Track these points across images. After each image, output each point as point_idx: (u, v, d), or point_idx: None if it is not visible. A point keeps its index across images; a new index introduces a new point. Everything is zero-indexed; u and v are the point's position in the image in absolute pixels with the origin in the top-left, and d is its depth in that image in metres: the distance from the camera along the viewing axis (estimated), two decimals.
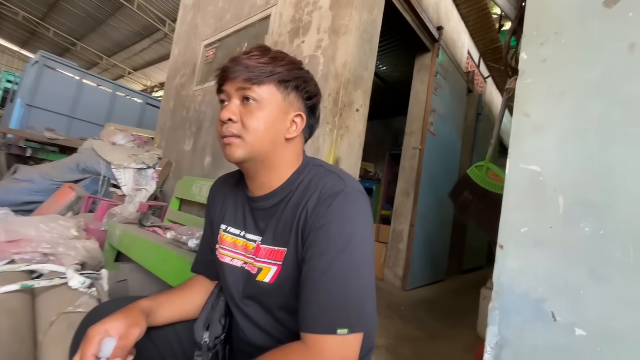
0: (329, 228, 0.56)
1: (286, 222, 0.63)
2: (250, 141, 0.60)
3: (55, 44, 12.26)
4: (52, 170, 2.75)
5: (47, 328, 1.13)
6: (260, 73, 0.60)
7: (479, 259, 4.67)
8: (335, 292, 0.53)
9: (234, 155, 0.61)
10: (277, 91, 0.62)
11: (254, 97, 0.60)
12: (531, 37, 0.79)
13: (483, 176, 1.82)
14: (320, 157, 1.71)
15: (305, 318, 0.54)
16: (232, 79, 0.61)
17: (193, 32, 3.24)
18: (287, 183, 0.66)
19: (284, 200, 0.65)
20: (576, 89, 0.72)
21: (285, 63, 0.63)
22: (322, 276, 0.54)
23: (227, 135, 0.61)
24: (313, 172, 0.66)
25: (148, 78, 14.27)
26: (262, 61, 0.61)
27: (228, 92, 0.62)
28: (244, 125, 0.60)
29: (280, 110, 0.63)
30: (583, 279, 0.66)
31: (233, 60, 0.62)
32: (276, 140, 0.63)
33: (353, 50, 1.77)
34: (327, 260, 0.54)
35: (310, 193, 0.61)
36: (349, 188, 0.60)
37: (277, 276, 0.61)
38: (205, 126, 2.67)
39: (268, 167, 0.65)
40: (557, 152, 0.73)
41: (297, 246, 0.60)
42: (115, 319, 0.56)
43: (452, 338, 1.79)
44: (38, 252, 1.69)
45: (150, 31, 10.05)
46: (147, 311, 0.64)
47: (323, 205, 0.58)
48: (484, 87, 4.29)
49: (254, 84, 0.60)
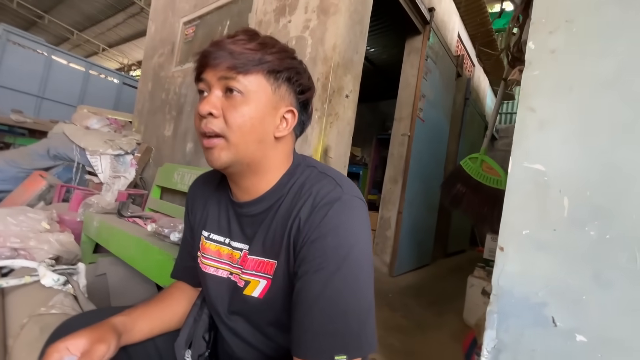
0: (325, 241, 0.50)
1: (276, 232, 0.56)
2: (234, 142, 0.52)
3: (20, 17, 11.33)
4: (19, 157, 2.56)
5: (18, 332, 1.06)
6: (247, 61, 0.51)
7: (463, 242, 4.78)
8: (333, 316, 0.48)
9: (219, 161, 0.53)
10: (266, 83, 0.54)
11: (239, 88, 0.52)
12: (540, 24, 0.73)
13: (477, 169, 1.80)
14: (308, 146, 1.64)
15: (299, 343, 0.49)
16: (213, 66, 0.52)
17: (170, 8, 3.02)
18: (276, 187, 0.59)
19: (273, 206, 0.58)
20: (587, 83, 0.68)
21: (276, 51, 0.54)
22: (318, 297, 0.48)
23: (207, 132, 0.52)
24: (306, 174, 0.59)
25: (124, 55, 13.50)
26: (249, 47, 0.52)
27: (208, 82, 0.53)
28: (226, 121, 0.52)
29: (269, 105, 0.54)
30: (586, 284, 0.64)
31: (215, 44, 0.53)
32: (264, 140, 0.55)
33: (343, 31, 1.67)
34: (323, 278, 0.49)
35: (303, 200, 0.54)
36: (346, 195, 0.53)
37: (267, 291, 0.56)
38: (186, 110, 2.52)
39: (255, 170, 0.57)
40: (563, 151, 0.69)
41: (288, 259, 0.54)
42: (78, 336, 0.50)
43: (439, 326, 1.82)
44: (6, 247, 1.58)
45: (125, 4, 9.41)
46: (121, 328, 0.57)
47: (318, 215, 0.52)
48: (473, 72, 4.25)
49: (240, 73, 0.51)
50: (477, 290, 1.78)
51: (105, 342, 0.51)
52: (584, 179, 0.66)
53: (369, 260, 0.53)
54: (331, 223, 0.51)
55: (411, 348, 1.49)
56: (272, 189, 0.59)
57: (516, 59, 1.41)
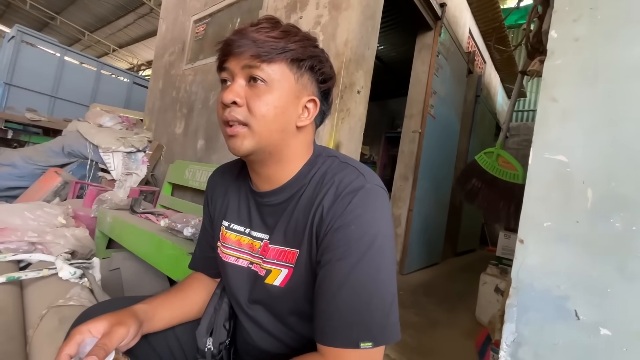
0: (349, 229, 0.50)
1: (298, 221, 0.56)
2: (258, 130, 0.52)
3: (33, 18, 11.57)
4: (35, 154, 2.62)
5: (37, 322, 1.08)
6: (270, 49, 0.51)
7: (473, 241, 4.73)
8: (358, 303, 0.48)
9: (241, 149, 0.53)
10: (289, 71, 0.53)
11: (262, 77, 0.51)
12: (563, 12, 0.71)
13: (493, 163, 1.77)
14: (319, 142, 1.63)
15: (323, 330, 0.49)
16: (237, 54, 0.52)
17: (181, 6, 3.04)
18: (297, 176, 0.58)
19: (295, 195, 0.58)
20: (612, 71, 0.66)
21: (299, 39, 0.53)
22: (343, 285, 0.48)
23: (231, 120, 0.52)
24: (327, 164, 0.59)
25: (134, 56, 13.68)
26: (272, 35, 0.51)
27: (232, 71, 0.53)
28: (250, 110, 0.52)
29: (292, 94, 0.54)
30: (611, 277, 0.62)
31: (238, 32, 0.52)
32: (287, 129, 0.55)
33: (355, 27, 1.66)
34: (347, 266, 0.49)
35: (326, 189, 0.54)
36: (369, 184, 0.53)
37: (288, 280, 0.56)
38: (197, 108, 2.54)
39: (277, 159, 0.57)
40: (587, 141, 0.67)
41: (311, 248, 0.54)
42: (99, 319, 0.51)
43: (451, 323, 1.80)
44: (25, 241, 1.62)
45: (135, 5, 9.53)
46: (142, 316, 0.58)
47: (341, 203, 0.51)
48: (484, 68, 4.19)
49: (264, 61, 0.51)
50: (489, 288, 1.76)
51: (125, 325, 0.51)
52: (609, 169, 0.64)
53: (391, 249, 0.52)
54: (355, 211, 0.50)
55: (424, 344, 1.48)
56: (293, 178, 0.58)
57: (536, 50, 1.38)
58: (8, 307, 1.14)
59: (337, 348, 0.47)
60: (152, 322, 0.60)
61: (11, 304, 1.18)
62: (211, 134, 2.35)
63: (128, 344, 0.53)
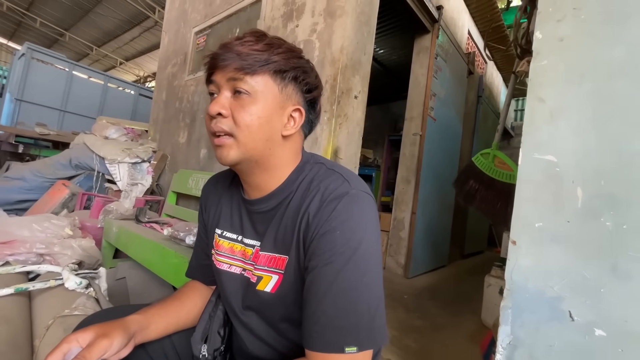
0: (334, 235, 0.51)
1: (287, 228, 0.57)
2: (243, 140, 0.54)
3: (43, 35, 11.93)
4: (44, 167, 2.68)
5: (43, 332, 1.10)
6: (254, 62, 0.53)
7: (480, 243, 4.67)
8: (343, 307, 0.48)
9: (227, 158, 0.55)
10: (272, 83, 0.55)
11: (246, 89, 0.53)
12: (547, 13, 0.72)
13: (489, 164, 1.76)
14: (318, 148, 1.65)
15: (310, 335, 0.49)
16: (222, 67, 0.54)
17: (183, 19, 3.11)
18: (285, 184, 0.60)
19: (283, 202, 0.60)
20: (597, 70, 0.66)
21: (282, 51, 0.55)
22: (328, 290, 0.49)
23: (217, 131, 0.54)
24: (314, 171, 0.60)
25: (140, 68, 13.97)
26: (256, 48, 0.53)
27: (218, 83, 0.55)
28: (235, 121, 0.54)
29: (276, 105, 0.56)
30: (604, 277, 0.62)
31: (224, 46, 0.55)
32: (272, 138, 0.56)
33: (350, 33, 1.68)
34: (333, 271, 0.50)
35: (312, 195, 0.55)
36: (354, 190, 0.54)
37: (278, 286, 0.57)
38: (199, 117, 2.59)
39: (264, 167, 0.59)
40: (575, 141, 0.67)
41: (299, 254, 0.55)
42: (88, 329, 0.52)
43: (456, 327, 1.78)
44: (33, 253, 1.65)
45: (140, 19, 9.77)
46: (135, 327, 0.58)
47: (326, 209, 0.52)
48: (485, 69, 4.18)
49: (247, 74, 0.53)
50: (494, 290, 1.73)
51: (109, 337, 0.51)
52: (598, 168, 0.64)
53: (377, 254, 0.53)
54: (340, 217, 0.52)
55: (428, 349, 1.47)
56: (281, 185, 0.60)
57: (525, 50, 1.38)
58: (15, 317, 1.17)
59: (322, 353, 0.48)
60: (147, 332, 0.61)
61: (18, 314, 1.20)
62: None
63: (118, 355, 0.53)
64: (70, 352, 0.48)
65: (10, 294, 1.24)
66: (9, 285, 1.27)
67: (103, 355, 0.50)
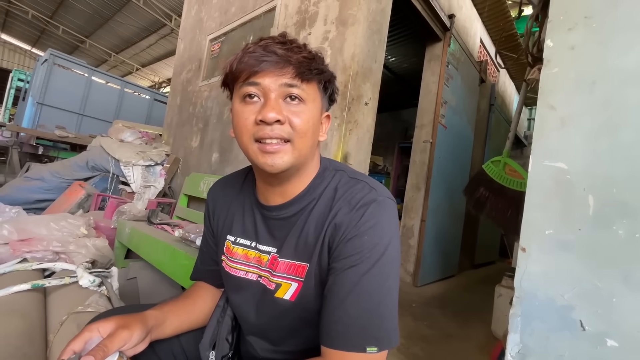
0: (362, 239, 0.52)
1: (309, 235, 0.57)
2: (299, 146, 0.54)
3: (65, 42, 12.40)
4: (62, 169, 2.77)
5: (57, 328, 1.13)
6: (307, 70, 0.53)
7: (492, 253, 4.58)
8: (367, 308, 0.49)
9: (282, 165, 0.53)
10: (317, 90, 0.57)
11: (302, 96, 0.53)
12: (558, 22, 0.72)
13: (500, 172, 1.74)
14: (328, 153, 1.66)
15: (329, 332, 0.50)
16: (275, 72, 0.52)
17: (198, 27, 3.20)
18: (307, 190, 0.60)
19: (305, 209, 0.59)
20: (609, 77, 0.66)
21: (322, 60, 0.57)
22: (352, 291, 0.50)
23: (274, 137, 0.52)
24: (336, 178, 0.61)
25: (156, 74, 14.35)
26: (305, 55, 0.53)
27: (266, 87, 0.52)
28: (293, 127, 0.53)
29: (319, 111, 0.58)
30: (616, 286, 0.61)
31: (266, 49, 0.52)
32: (314, 144, 0.58)
33: (361, 41, 1.70)
34: (358, 273, 0.51)
35: (340, 204, 0.56)
36: (381, 197, 0.56)
37: (298, 293, 0.57)
38: (212, 122, 2.64)
39: (300, 173, 0.59)
40: (586, 148, 0.67)
41: (321, 261, 0.56)
42: (110, 320, 0.53)
43: (465, 337, 1.75)
44: (49, 251, 1.70)
45: (157, 27, 10.08)
46: (152, 322, 0.59)
47: (355, 215, 0.54)
48: (497, 77, 4.15)
49: (303, 81, 0.53)
50: (505, 300, 1.70)
51: (129, 329, 0.52)
52: (609, 176, 0.63)
53: (398, 259, 0.55)
54: (368, 223, 0.53)
55: (435, 358, 1.45)
56: (303, 191, 0.60)
57: (537, 58, 1.37)
58: (31, 312, 1.20)
59: (342, 351, 0.48)
60: (162, 328, 0.61)
61: (34, 309, 1.24)
62: (225, 147, 2.42)
63: (135, 349, 0.54)
64: (92, 340, 0.50)
65: (27, 290, 1.28)
66: (26, 281, 1.31)
67: (123, 346, 0.51)
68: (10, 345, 0.95)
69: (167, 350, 0.65)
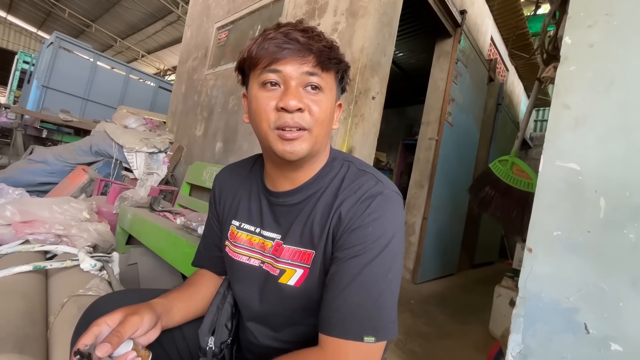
0: (367, 230, 0.52)
1: (315, 223, 0.57)
2: (316, 134, 0.54)
3: (71, 26, 12.33)
4: (65, 152, 2.77)
5: (58, 310, 1.14)
6: (327, 59, 0.53)
7: (491, 254, 4.58)
8: (367, 298, 0.49)
9: (301, 152, 0.53)
10: (334, 80, 0.57)
11: (321, 85, 0.54)
12: (577, 18, 0.70)
13: (507, 171, 1.73)
14: (333, 146, 1.65)
15: (329, 320, 0.50)
16: (297, 60, 0.52)
17: (205, 14, 3.17)
18: (315, 178, 0.60)
19: (312, 197, 0.60)
20: (627, 78, 0.64)
21: (338, 49, 0.57)
22: (353, 280, 0.50)
23: (294, 126, 0.52)
24: (344, 169, 0.61)
25: (161, 61, 14.28)
26: (325, 45, 0.54)
27: (287, 74, 0.52)
28: (312, 115, 0.53)
29: (334, 100, 0.58)
30: (624, 290, 0.60)
31: (290, 36, 0.52)
32: (329, 132, 0.59)
33: (371, 34, 1.68)
34: (360, 263, 0.51)
35: (345, 193, 0.56)
36: (387, 190, 0.56)
37: (304, 280, 0.57)
38: (216, 111, 2.63)
39: (313, 161, 0.59)
40: (600, 149, 0.65)
41: (326, 249, 0.56)
42: (116, 312, 0.52)
43: (463, 335, 1.75)
44: (52, 234, 1.71)
45: (164, 13, 10.00)
46: (160, 309, 0.58)
47: (361, 206, 0.54)
48: (506, 76, 4.10)
49: (323, 70, 0.54)
50: (504, 301, 1.70)
51: (139, 314, 0.52)
52: (623, 178, 0.62)
53: (402, 253, 0.55)
54: (373, 214, 0.53)
55: (432, 355, 1.45)
56: (311, 179, 0.60)
57: (552, 57, 1.35)
58: (33, 293, 1.21)
59: (339, 339, 0.48)
60: (170, 315, 0.61)
61: (36, 291, 1.25)
62: (229, 136, 2.41)
63: (148, 336, 0.54)
64: (102, 334, 0.49)
65: (29, 271, 1.29)
66: (28, 262, 1.31)
67: (136, 331, 0.51)
68: (11, 325, 0.96)
69: (169, 340, 0.65)
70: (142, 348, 0.51)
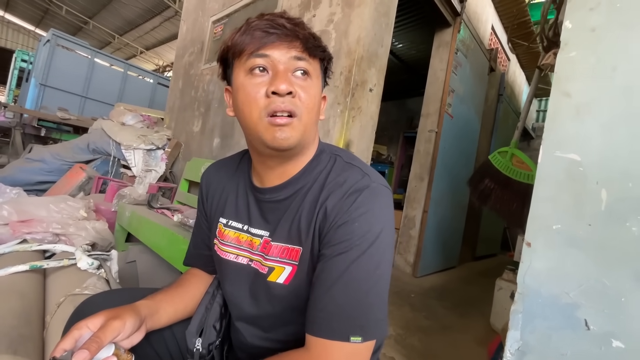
0: (353, 226, 0.50)
1: (302, 218, 0.56)
2: (305, 121, 0.52)
3: (68, 23, 12.25)
4: (63, 151, 2.76)
5: (54, 309, 1.13)
6: (314, 46, 0.53)
7: (493, 246, 4.56)
8: (354, 297, 0.48)
9: (291, 139, 0.51)
10: (319, 68, 0.57)
11: (310, 70, 0.53)
12: (579, 1, 0.67)
13: (507, 163, 1.69)
14: (330, 141, 1.62)
15: (315, 320, 0.48)
16: (285, 44, 0.51)
17: (201, 8, 3.12)
18: (302, 172, 0.58)
19: (299, 192, 0.58)
20: (631, 63, 0.61)
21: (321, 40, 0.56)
22: (340, 278, 0.48)
23: (285, 111, 0.50)
24: (331, 163, 0.59)
25: (160, 57, 14.20)
26: (310, 33, 0.53)
27: (275, 59, 0.51)
28: (301, 101, 0.52)
29: (320, 89, 0.57)
30: (626, 285, 0.58)
31: (276, 22, 0.51)
32: (317, 122, 0.57)
33: (368, 24, 1.63)
34: (346, 260, 0.49)
35: (331, 188, 0.54)
36: (374, 183, 0.53)
37: (292, 277, 0.55)
38: (213, 107, 2.60)
39: (301, 152, 0.57)
40: (602, 139, 0.62)
41: (313, 246, 0.54)
42: (98, 315, 0.51)
43: (463, 329, 1.74)
44: (49, 232, 1.70)
45: (161, 8, 9.90)
46: (145, 311, 0.57)
47: (347, 201, 0.52)
48: (507, 66, 4.03)
49: (310, 56, 0.53)
50: (505, 294, 1.68)
51: (121, 318, 0.51)
52: (626, 169, 0.59)
53: (391, 248, 0.53)
54: (360, 209, 0.51)
55: (432, 349, 1.44)
56: (298, 173, 0.58)
57: (552, 43, 1.30)
58: (29, 293, 1.20)
59: (325, 340, 0.47)
60: (157, 317, 0.60)
61: (33, 290, 1.24)
62: (226, 132, 2.39)
63: (130, 340, 0.53)
64: (82, 337, 0.47)
65: (26, 271, 1.28)
66: (25, 262, 1.31)
67: (117, 336, 0.49)
68: (6, 325, 0.95)
69: (159, 340, 0.64)
70: (124, 352, 0.50)
